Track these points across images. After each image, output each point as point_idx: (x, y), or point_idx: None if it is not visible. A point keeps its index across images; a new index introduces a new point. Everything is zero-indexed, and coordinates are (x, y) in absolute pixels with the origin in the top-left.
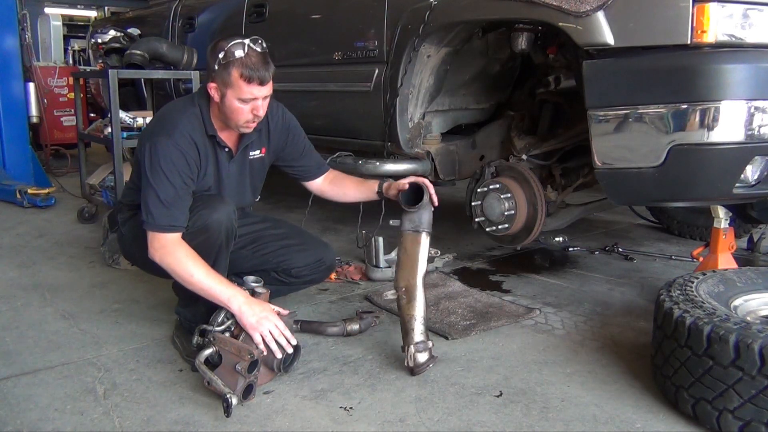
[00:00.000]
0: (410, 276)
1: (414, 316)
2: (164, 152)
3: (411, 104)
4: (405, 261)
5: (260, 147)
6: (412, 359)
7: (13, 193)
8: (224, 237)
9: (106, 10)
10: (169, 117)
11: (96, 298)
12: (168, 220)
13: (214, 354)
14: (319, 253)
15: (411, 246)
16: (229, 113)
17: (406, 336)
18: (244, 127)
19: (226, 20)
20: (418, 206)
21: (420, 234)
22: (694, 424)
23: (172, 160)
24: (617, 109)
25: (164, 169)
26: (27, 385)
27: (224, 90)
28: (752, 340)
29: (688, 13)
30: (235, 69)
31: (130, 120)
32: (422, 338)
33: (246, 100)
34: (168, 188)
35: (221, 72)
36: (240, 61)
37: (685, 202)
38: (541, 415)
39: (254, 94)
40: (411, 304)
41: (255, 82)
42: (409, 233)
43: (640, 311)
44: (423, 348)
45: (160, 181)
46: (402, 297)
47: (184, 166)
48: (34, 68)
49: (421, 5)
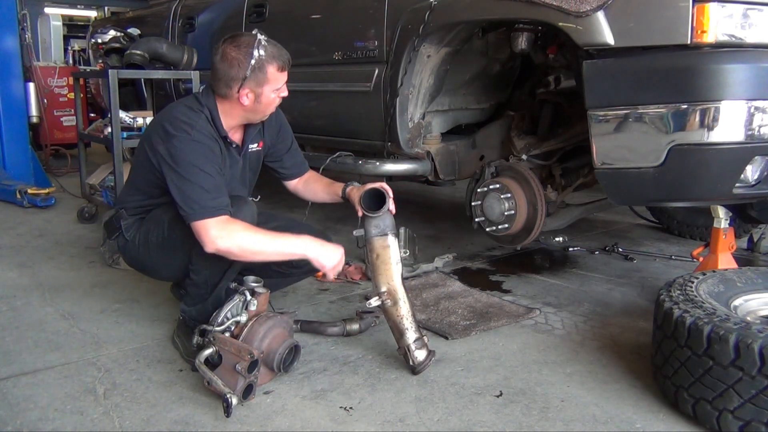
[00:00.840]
0: (389, 278)
1: (403, 316)
2: (191, 148)
3: (411, 104)
4: (380, 265)
5: (258, 140)
6: (412, 359)
7: (13, 193)
8: None
9: (106, 10)
10: (182, 119)
11: (96, 298)
12: (217, 203)
13: (214, 354)
14: None
15: (382, 250)
16: (263, 108)
17: (402, 337)
18: (268, 114)
19: (226, 20)
20: (380, 211)
21: (387, 236)
22: (694, 424)
23: (202, 153)
24: (617, 109)
25: (195, 163)
26: (27, 385)
27: (260, 90)
28: (752, 340)
29: (688, 13)
30: (269, 65)
31: (130, 120)
32: (417, 335)
33: (279, 87)
34: (205, 177)
35: (256, 75)
36: (270, 55)
37: (685, 202)
38: (541, 415)
39: (285, 78)
40: (397, 305)
41: (287, 67)
42: (377, 238)
43: (640, 311)
44: (420, 345)
45: (195, 174)
46: (386, 300)
47: (214, 156)
48: (34, 68)
49: (421, 5)
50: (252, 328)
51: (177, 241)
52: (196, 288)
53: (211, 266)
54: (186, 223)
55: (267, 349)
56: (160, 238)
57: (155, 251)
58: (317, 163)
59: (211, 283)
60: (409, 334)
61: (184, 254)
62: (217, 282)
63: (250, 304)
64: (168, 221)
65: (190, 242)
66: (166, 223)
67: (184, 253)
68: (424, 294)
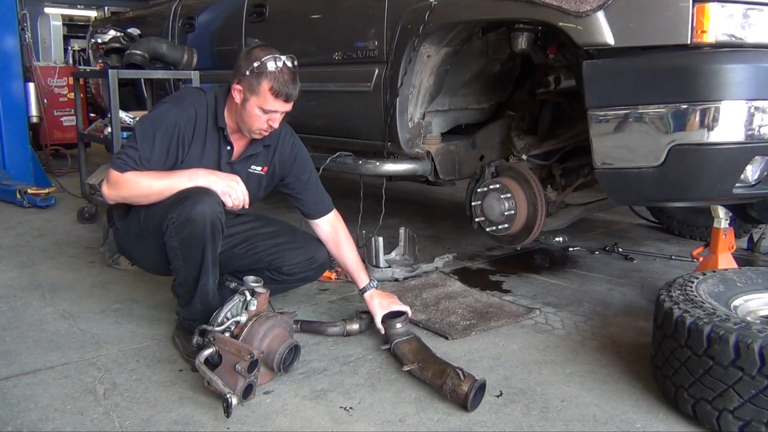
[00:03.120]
0: (435, 362)
1: (440, 362)
2: (164, 115)
3: (411, 104)
4: (425, 356)
5: (263, 164)
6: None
7: (13, 193)
8: (209, 229)
9: (106, 10)
10: (182, 94)
11: (96, 298)
12: (133, 166)
13: (214, 354)
14: (311, 251)
15: (415, 347)
16: (246, 117)
17: (442, 376)
18: (255, 133)
19: (226, 20)
20: (401, 319)
21: (412, 336)
22: (694, 424)
23: (166, 126)
24: (617, 109)
25: (153, 128)
26: (27, 385)
27: (249, 96)
28: (752, 340)
29: (688, 13)
30: (266, 81)
31: (130, 120)
32: (455, 372)
33: (267, 111)
34: (148, 149)
35: (251, 79)
36: (273, 75)
37: (685, 202)
38: (541, 415)
39: (277, 108)
40: (435, 362)
41: (282, 98)
42: (411, 338)
43: (640, 311)
44: (462, 375)
45: (144, 141)
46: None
47: (173, 136)
48: (34, 68)
49: (421, 5)
50: (252, 328)
51: (150, 231)
52: (181, 287)
53: (184, 261)
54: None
55: (267, 349)
56: (137, 228)
57: (135, 242)
58: (317, 163)
59: (192, 278)
60: (449, 370)
61: (157, 246)
62: (197, 276)
63: (249, 304)
64: (143, 213)
65: (161, 234)
66: (142, 215)
67: (157, 245)
68: (424, 294)
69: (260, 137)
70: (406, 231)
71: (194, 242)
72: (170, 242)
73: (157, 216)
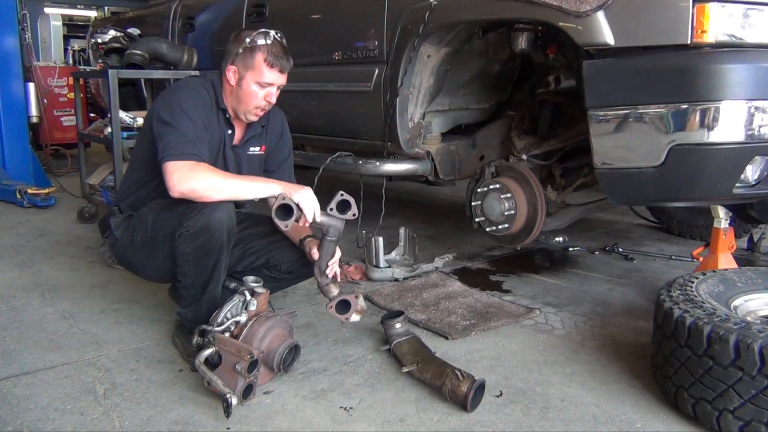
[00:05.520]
0: (434, 363)
1: (439, 362)
2: (185, 94)
3: (411, 104)
4: (424, 357)
5: (261, 144)
6: (459, 392)
7: (13, 193)
8: (225, 236)
9: (106, 10)
10: (181, 82)
11: (96, 298)
12: (192, 149)
13: (214, 354)
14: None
15: (415, 347)
16: (243, 96)
17: (441, 376)
18: (252, 113)
19: (226, 20)
20: (401, 319)
21: (411, 336)
22: (694, 424)
23: (194, 100)
24: (617, 109)
25: (184, 108)
26: (27, 385)
27: (244, 72)
28: (752, 340)
29: (688, 13)
30: (260, 53)
31: (130, 120)
32: (454, 373)
33: (263, 84)
34: (190, 125)
35: (244, 55)
36: (266, 47)
37: (685, 202)
38: (541, 415)
39: (273, 80)
40: (434, 363)
41: (276, 68)
42: (411, 338)
43: (640, 311)
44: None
45: (181, 119)
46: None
47: (204, 106)
48: (34, 68)
49: (421, 5)
50: (252, 328)
51: (159, 239)
52: (187, 290)
53: (195, 267)
54: (160, 166)
55: (267, 349)
56: (144, 237)
57: (140, 250)
58: (317, 163)
59: (200, 283)
60: (451, 368)
61: (166, 253)
62: (206, 282)
63: (249, 304)
64: (152, 220)
65: (172, 242)
66: (149, 222)
67: (166, 253)
68: (424, 294)
69: (257, 118)
70: (406, 231)
71: (210, 250)
72: (183, 248)
73: (169, 223)
